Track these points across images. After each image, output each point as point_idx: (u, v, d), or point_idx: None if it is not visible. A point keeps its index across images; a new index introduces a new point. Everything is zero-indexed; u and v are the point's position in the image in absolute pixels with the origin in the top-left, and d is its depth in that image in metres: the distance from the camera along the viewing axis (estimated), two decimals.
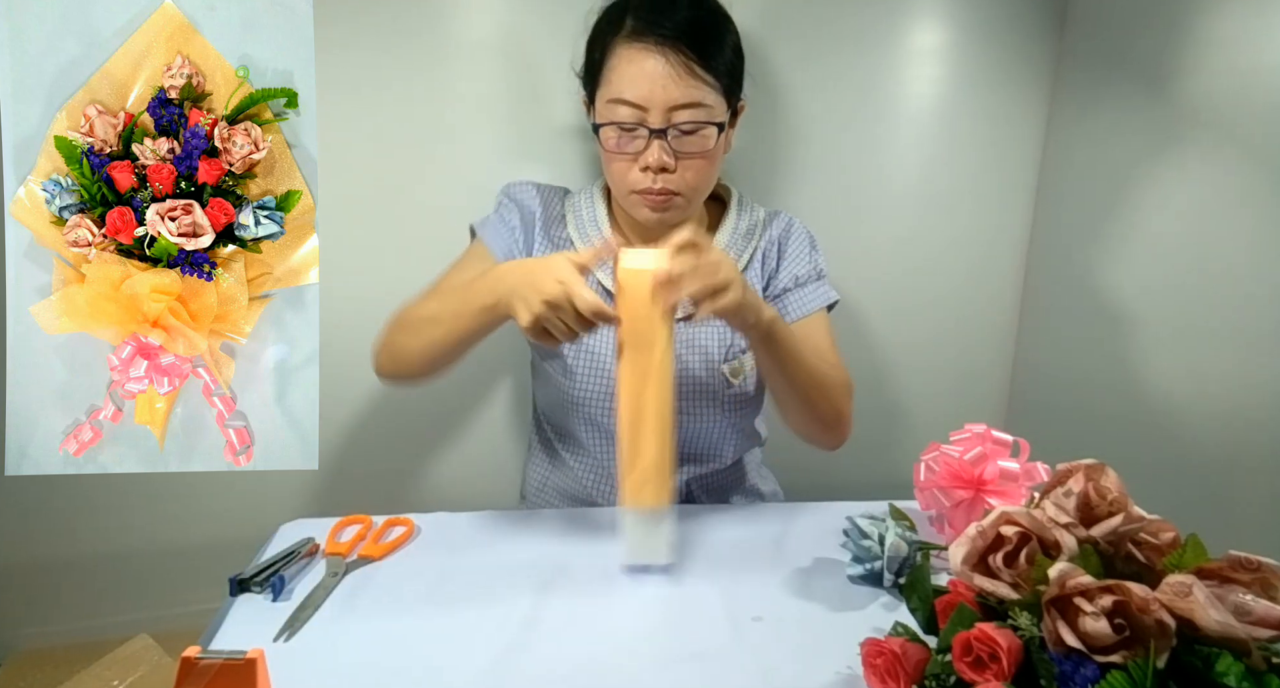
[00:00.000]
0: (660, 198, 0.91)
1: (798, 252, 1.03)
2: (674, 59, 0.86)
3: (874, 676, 0.55)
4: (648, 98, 0.87)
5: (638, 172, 0.90)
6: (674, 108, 0.87)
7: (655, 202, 0.92)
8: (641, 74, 0.87)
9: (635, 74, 0.87)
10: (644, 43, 0.87)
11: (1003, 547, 0.53)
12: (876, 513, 0.82)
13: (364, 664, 0.67)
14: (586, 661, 0.67)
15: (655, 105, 0.87)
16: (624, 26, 0.89)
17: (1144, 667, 0.44)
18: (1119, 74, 1.16)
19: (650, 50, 0.87)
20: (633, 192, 0.92)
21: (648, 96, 0.87)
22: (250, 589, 0.76)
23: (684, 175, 0.90)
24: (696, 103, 0.87)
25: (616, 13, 0.91)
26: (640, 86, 0.87)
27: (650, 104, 0.87)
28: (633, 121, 0.88)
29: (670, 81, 0.87)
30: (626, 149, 0.90)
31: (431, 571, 0.81)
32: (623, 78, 0.88)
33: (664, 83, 0.86)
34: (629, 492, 0.77)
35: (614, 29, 0.90)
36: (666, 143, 0.88)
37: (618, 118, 0.88)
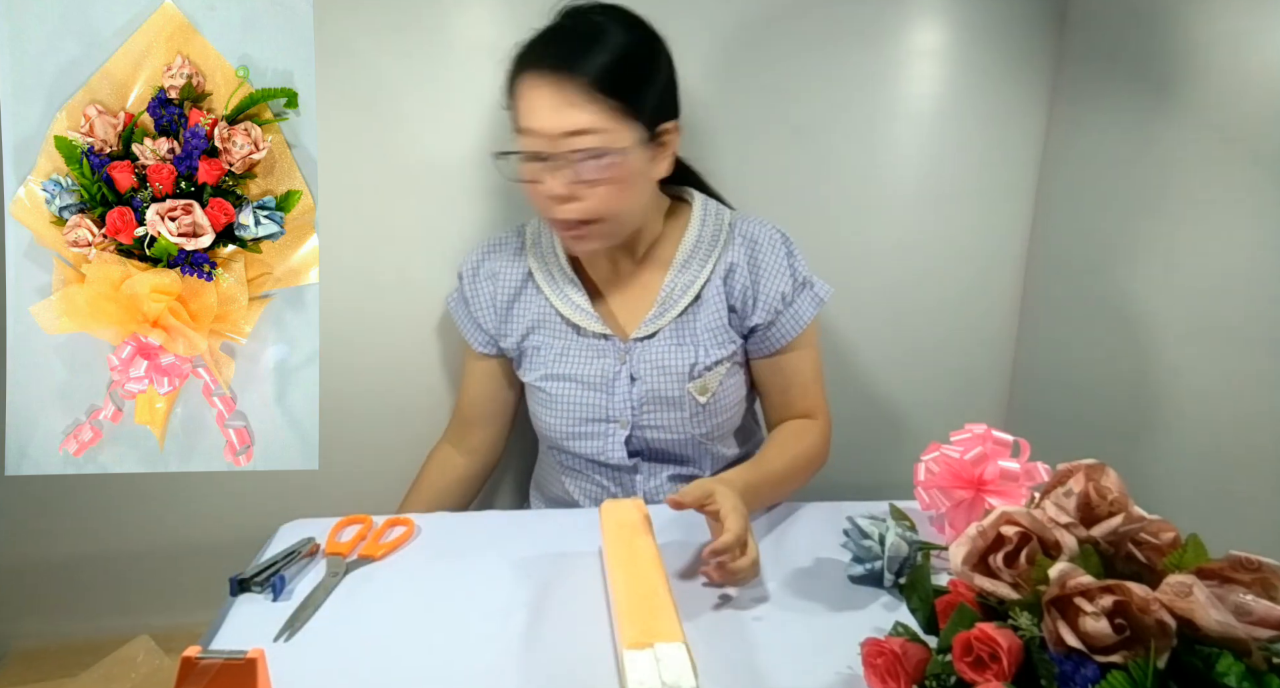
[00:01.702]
0: (576, 229, 0.91)
1: (775, 266, 0.99)
2: (558, 87, 0.86)
3: (874, 676, 0.55)
4: (539, 127, 0.87)
5: (545, 200, 0.90)
6: (563, 135, 0.86)
7: (571, 235, 0.92)
8: (532, 103, 0.87)
9: (528, 104, 0.88)
10: (534, 72, 0.88)
11: (1003, 547, 0.53)
12: (877, 513, 0.82)
13: (364, 664, 0.67)
14: (587, 660, 0.67)
15: (545, 133, 0.86)
16: (524, 58, 0.90)
17: (1144, 667, 0.44)
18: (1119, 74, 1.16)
19: (539, 78, 0.87)
20: (551, 221, 0.92)
21: (539, 126, 0.87)
22: (250, 589, 0.76)
23: (592, 202, 0.88)
24: (584, 129, 0.86)
25: (524, 44, 0.92)
26: (532, 116, 0.87)
27: (541, 132, 0.87)
28: (531, 151, 0.88)
29: (556, 109, 0.86)
30: (530, 179, 0.90)
31: (432, 571, 0.81)
32: (519, 108, 0.89)
33: (549, 111, 0.86)
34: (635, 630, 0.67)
35: (518, 61, 0.91)
36: (563, 171, 0.87)
37: (521, 147, 0.89)
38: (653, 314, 0.99)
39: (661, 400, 0.98)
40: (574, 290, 1.00)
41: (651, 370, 0.98)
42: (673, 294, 0.99)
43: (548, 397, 1.01)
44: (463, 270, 1.06)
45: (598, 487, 1.06)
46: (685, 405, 0.98)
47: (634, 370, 0.98)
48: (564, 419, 1.01)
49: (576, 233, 0.91)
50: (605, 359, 0.99)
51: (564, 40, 0.89)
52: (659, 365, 0.98)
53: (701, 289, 0.99)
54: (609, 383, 0.98)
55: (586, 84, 0.85)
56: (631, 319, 1.01)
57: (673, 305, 0.98)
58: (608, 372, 0.99)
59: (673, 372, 0.98)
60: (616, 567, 0.75)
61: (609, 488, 1.05)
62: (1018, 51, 1.27)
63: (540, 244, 1.03)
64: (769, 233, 1.01)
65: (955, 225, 1.32)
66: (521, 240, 1.04)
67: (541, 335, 1.01)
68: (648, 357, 0.98)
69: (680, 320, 0.99)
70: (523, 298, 1.02)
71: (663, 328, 0.98)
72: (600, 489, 1.05)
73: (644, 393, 0.98)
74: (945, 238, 1.33)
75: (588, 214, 0.89)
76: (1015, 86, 1.28)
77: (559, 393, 1.00)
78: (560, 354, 1.00)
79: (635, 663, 0.62)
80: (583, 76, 0.85)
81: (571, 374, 0.99)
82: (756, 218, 1.03)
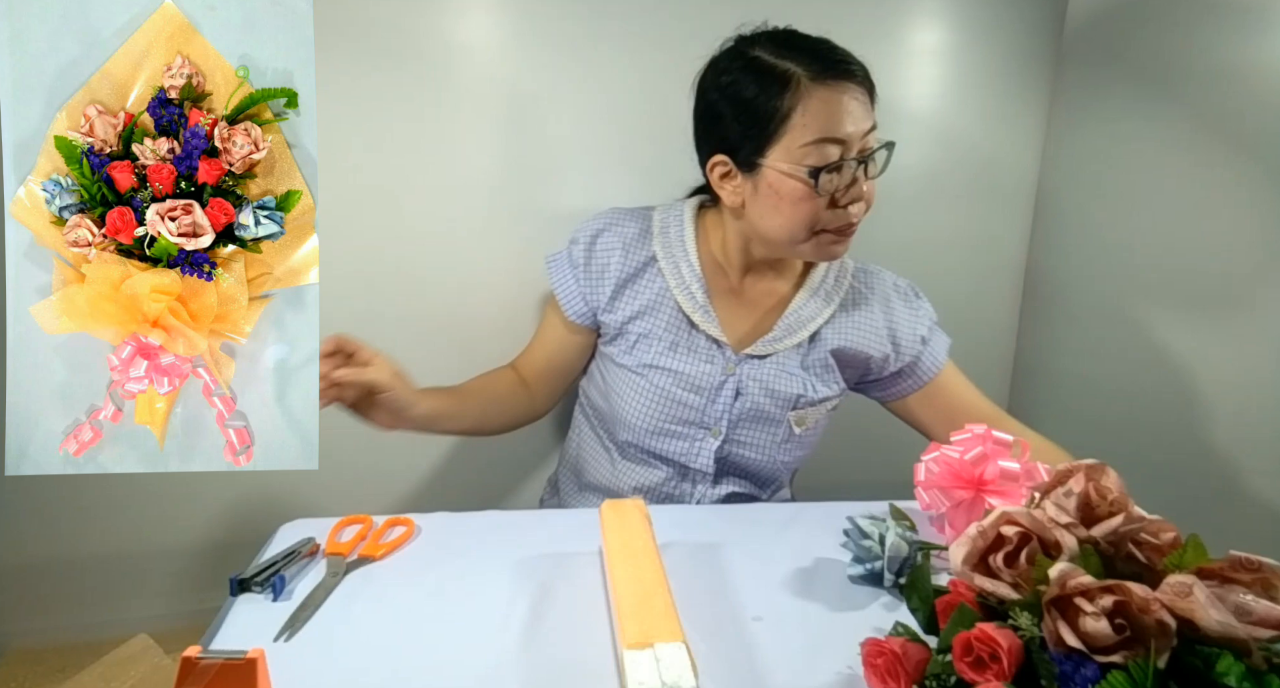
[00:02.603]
0: (849, 231, 0.93)
1: (907, 307, 1.04)
2: (860, 92, 0.89)
3: (874, 676, 0.55)
4: (851, 132, 0.88)
5: (832, 210, 0.90)
6: (866, 133, 0.89)
7: (839, 240, 0.93)
8: (843, 111, 0.88)
9: (835, 111, 0.88)
10: (836, 82, 0.88)
11: (1003, 547, 0.53)
12: (877, 513, 0.82)
13: (364, 664, 0.67)
14: (587, 660, 0.67)
15: (855, 138, 0.88)
16: (798, 75, 0.88)
17: (1144, 667, 0.44)
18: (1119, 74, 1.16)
19: (842, 88, 0.88)
20: (823, 231, 0.92)
21: (852, 131, 0.88)
22: (251, 589, 0.76)
23: (866, 204, 0.92)
24: (874, 126, 0.90)
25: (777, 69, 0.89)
26: (845, 123, 0.88)
27: (852, 138, 0.88)
28: (840, 159, 0.88)
29: (863, 110, 0.89)
30: (832, 188, 0.90)
31: (432, 571, 0.81)
32: (825, 119, 0.88)
33: (861, 114, 0.89)
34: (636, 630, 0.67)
35: (785, 80, 0.89)
36: (865, 172, 0.90)
37: (829, 158, 0.88)
38: (773, 336, 1.00)
39: (760, 421, 0.99)
40: (699, 287, 1.00)
41: (759, 390, 0.98)
42: (798, 321, 1.00)
43: (647, 386, 1.00)
44: (579, 235, 1.04)
45: (660, 481, 1.05)
46: (780, 432, 1.00)
47: (740, 385, 0.98)
48: (657, 414, 1.00)
49: (846, 238, 0.94)
50: (713, 366, 0.99)
51: (845, 54, 0.92)
52: (768, 388, 0.99)
53: (824, 325, 1.01)
54: (713, 390, 0.99)
55: (869, 89, 0.91)
56: (743, 333, 1.01)
57: (795, 332, 1.00)
58: (713, 379, 0.99)
59: (780, 397, 0.99)
60: (616, 567, 0.75)
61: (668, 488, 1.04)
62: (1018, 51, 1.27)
63: (668, 233, 1.03)
64: (892, 278, 1.08)
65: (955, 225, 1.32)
66: (649, 224, 1.04)
67: (651, 322, 1.01)
68: (758, 375, 0.99)
69: (797, 349, 1.00)
70: (642, 279, 1.02)
71: (778, 352, 0.99)
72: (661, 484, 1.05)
73: (745, 409, 0.99)
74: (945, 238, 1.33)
75: (864, 216, 0.93)
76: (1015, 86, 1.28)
77: (661, 385, 0.99)
78: (669, 347, 1.00)
79: (635, 663, 0.62)
80: (867, 82, 0.91)
81: (678, 370, 0.99)
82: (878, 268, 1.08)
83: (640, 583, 0.72)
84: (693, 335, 1.00)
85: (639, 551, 0.77)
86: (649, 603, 0.69)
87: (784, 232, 0.93)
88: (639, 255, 1.02)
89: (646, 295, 1.01)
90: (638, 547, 0.77)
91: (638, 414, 1.01)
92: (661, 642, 0.63)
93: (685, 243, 1.02)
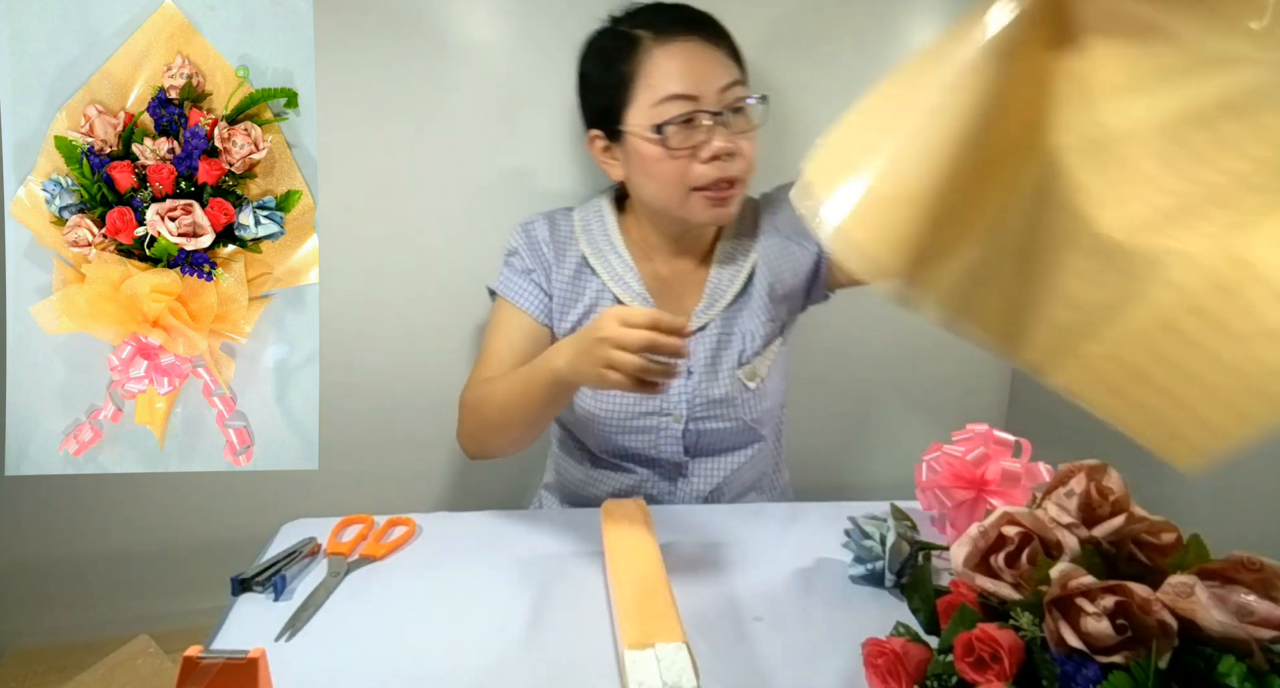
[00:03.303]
0: (727, 190, 0.92)
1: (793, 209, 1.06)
2: (708, 46, 0.90)
3: (875, 676, 0.55)
4: (698, 86, 0.88)
5: (699, 166, 0.90)
6: (724, 89, 0.89)
7: (721, 196, 0.92)
8: (686, 66, 0.89)
9: (680, 68, 0.89)
10: (675, 40, 0.89)
11: (1004, 547, 0.53)
12: (878, 513, 0.82)
13: (365, 664, 0.67)
14: (587, 660, 0.67)
15: (708, 91, 0.88)
16: (639, 38, 0.91)
17: (1146, 667, 0.44)
18: None
19: (684, 43, 0.89)
20: (694, 190, 0.92)
21: (698, 85, 0.88)
22: (252, 589, 0.76)
23: (742, 159, 0.91)
24: (738, 80, 0.91)
25: (621, 35, 0.93)
26: (689, 77, 0.88)
27: (702, 91, 0.88)
28: (689, 112, 0.88)
29: (715, 65, 0.89)
30: (686, 144, 0.90)
31: (433, 570, 0.81)
32: (667, 76, 0.89)
33: (710, 68, 0.89)
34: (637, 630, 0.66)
35: (629, 46, 0.91)
36: (725, 125, 0.90)
37: (674, 114, 0.89)
38: (701, 307, 1.00)
39: (715, 392, 0.99)
40: (633, 277, 1.00)
41: (704, 364, 0.99)
42: (719, 286, 1.00)
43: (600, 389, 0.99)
44: (515, 244, 1.03)
45: (636, 483, 1.04)
46: (736, 394, 1.00)
47: (689, 363, 0.99)
48: (618, 412, 1.00)
49: (728, 194, 0.92)
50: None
51: (690, 12, 0.93)
52: (711, 358, 0.99)
53: (746, 281, 1.01)
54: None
55: (726, 45, 0.92)
56: (681, 313, 1.02)
57: (720, 297, 1.00)
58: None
59: (726, 361, 0.99)
60: (617, 567, 0.75)
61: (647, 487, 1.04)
62: None
63: (591, 231, 1.03)
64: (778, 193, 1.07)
65: None
66: (571, 225, 1.04)
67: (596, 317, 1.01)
68: (701, 349, 0.99)
69: (728, 311, 1.01)
70: (579, 282, 1.02)
71: (712, 320, 1.00)
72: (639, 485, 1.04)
73: (698, 386, 0.99)
74: None
75: (741, 172, 0.92)
76: None
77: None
78: None
79: (636, 663, 0.63)
80: (722, 39, 0.92)
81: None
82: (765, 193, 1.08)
83: (641, 583, 0.72)
84: None
85: (639, 551, 0.77)
86: (650, 603, 0.69)
87: (660, 196, 0.94)
88: (572, 256, 1.02)
89: (586, 297, 1.01)
90: (638, 547, 0.77)
91: (600, 417, 1.01)
92: (662, 642, 0.63)
93: (610, 237, 1.02)
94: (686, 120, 0.89)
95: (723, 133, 0.89)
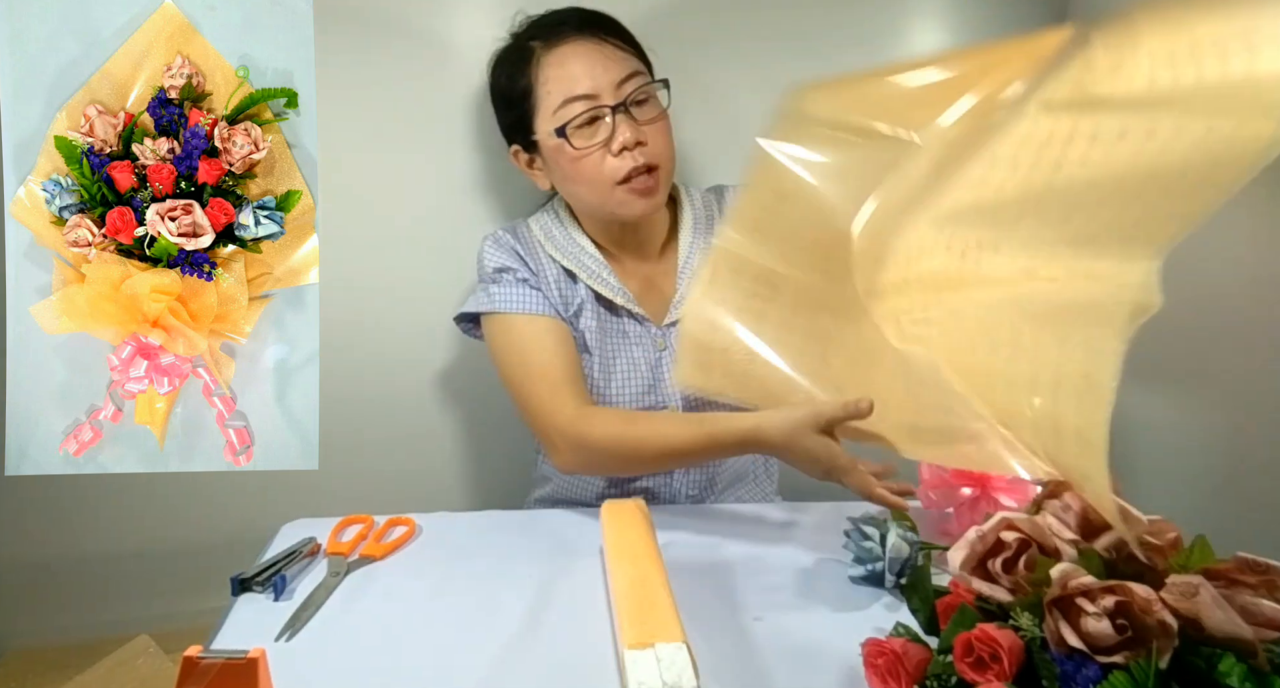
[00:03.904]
0: (646, 180, 0.93)
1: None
2: (597, 44, 0.92)
3: (875, 676, 0.55)
4: (593, 84, 0.91)
5: (612, 160, 0.92)
6: (620, 82, 0.92)
7: (642, 186, 0.93)
8: (578, 67, 0.91)
9: (572, 71, 0.92)
10: (563, 43, 0.92)
11: (1002, 552, 0.53)
12: (878, 513, 0.82)
13: (365, 664, 0.67)
14: (587, 660, 0.67)
15: (604, 88, 0.91)
16: (532, 49, 0.94)
17: (1146, 667, 0.44)
18: None
19: (573, 45, 0.92)
20: (616, 184, 0.93)
21: (593, 83, 0.91)
22: (252, 589, 0.76)
23: (654, 146, 0.93)
24: (635, 72, 0.93)
25: (517, 48, 0.97)
26: (582, 78, 0.91)
27: (598, 89, 0.91)
28: (589, 110, 0.91)
29: (606, 61, 0.92)
30: (593, 142, 0.92)
31: (433, 570, 0.81)
32: (561, 80, 0.92)
33: (602, 65, 0.91)
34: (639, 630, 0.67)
35: (525, 57, 0.95)
36: (629, 117, 0.92)
37: (574, 115, 0.91)
38: (679, 297, 1.01)
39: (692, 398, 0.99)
40: (607, 272, 1.01)
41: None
42: (692, 273, 1.01)
43: (598, 383, 1.00)
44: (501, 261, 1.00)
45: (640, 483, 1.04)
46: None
47: (676, 354, 0.99)
48: (621, 402, 1.00)
49: (648, 183, 0.94)
50: (645, 344, 1.01)
51: (577, 14, 0.96)
52: None
53: None
54: (654, 367, 1.00)
55: (618, 40, 0.94)
56: (656, 306, 1.03)
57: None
58: (651, 357, 1.00)
59: None
60: (617, 567, 0.75)
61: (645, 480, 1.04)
62: None
63: (554, 238, 1.03)
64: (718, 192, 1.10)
65: None
66: (532, 235, 1.04)
67: (585, 321, 1.01)
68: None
69: None
70: (559, 285, 1.02)
71: None
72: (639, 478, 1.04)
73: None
74: None
75: (656, 157, 0.93)
76: None
77: (613, 378, 1.00)
78: (604, 340, 1.01)
79: (636, 663, 0.62)
80: (612, 34, 0.94)
81: (622, 359, 1.00)
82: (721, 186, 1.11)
83: (641, 583, 0.71)
84: (620, 322, 1.01)
85: (639, 550, 0.77)
86: (650, 603, 0.69)
87: (588, 196, 0.96)
88: (544, 264, 1.02)
89: (573, 301, 1.01)
90: (638, 547, 0.77)
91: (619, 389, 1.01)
92: (662, 642, 0.63)
93: (573, 238, 1.02)
94: (590, 120, 0.91)
95: (628, 124, 0.91)
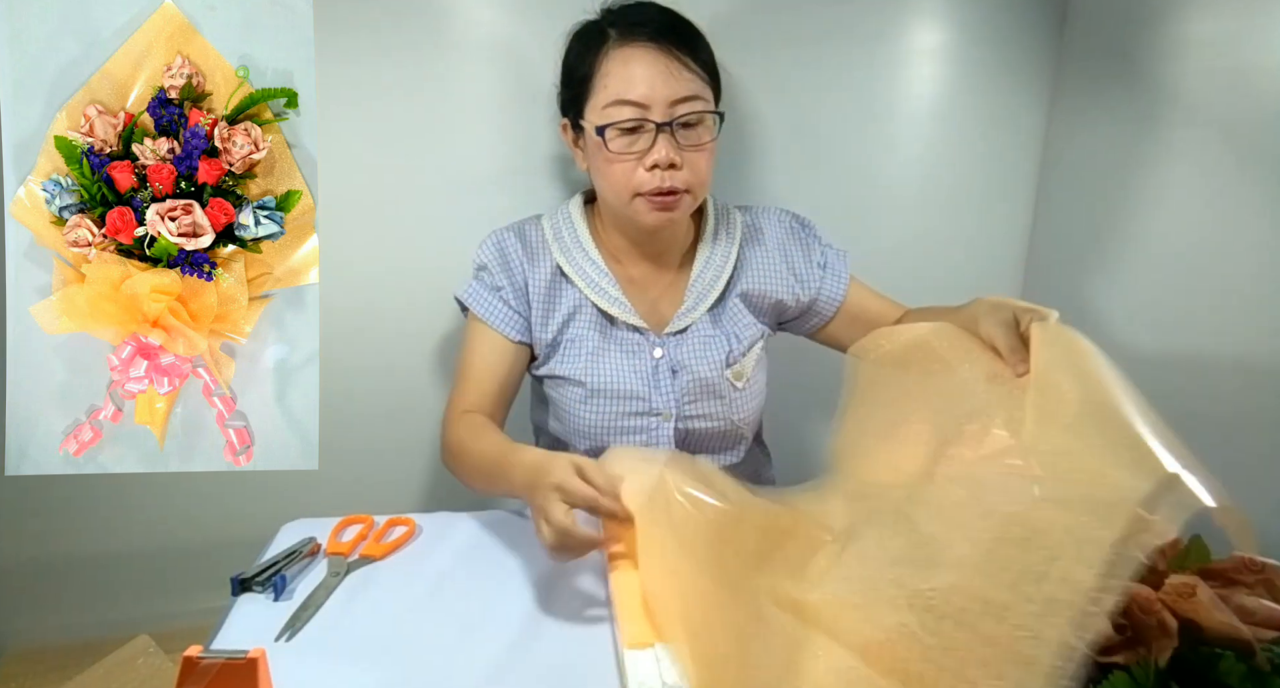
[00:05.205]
0: (668, 198, 0.92)
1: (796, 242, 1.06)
2: (666, 56, 0.89)
3: None
4: (648, 95, 0.89)
5: (643, 172, 0.91)
6: (675, 102, 0.89)
7: (663, 202, 0.92)
8: (639, 73, 0.89)
9: (632, 74, 0.89)
10: (635, 44, 0.90)
11: None
12: None
13: (365, 664, 0.67)
14: (587, 660, 0.67)
15: (657, 101, 0.89)
16: (608, 37, 0.92)
17: (1146, 667, 0.44)
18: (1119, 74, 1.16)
19: (643, 50, 0.89)
20: (638, 195, 0.92)
21: (648, 94, 0.89)
22: (252, 589, 0.76)
23: (688, 171, 0.91)
24: (694, 95, 0.90)
25: (595, 30, 0.94)
26: (639, 85, 0.89)
27: (651, 101, 0.89)
28: (636, 120, 0.89)
29: (669, 76, 0.89)
30: (631, 150, 0.90)
31: (433, 570, 0.81)
32: (620, 80, 0.90)
33: (663, 78, 0.89)
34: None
35: (598, 42, 0.93)
36: (672, 137, 0.90)
37: (619, 119, 0.89)
38: (684, 309, 1.01)
39: (704, 390, 0.99)
40: (608, 283, 1.00)
41: (693, 362, 0.99)
42: (703, 289, 1.01)
43: (588, 392, 0.99)
44: (484, 260, 1.02)
45: None
46: (725, 393, 1.00)
47: (675, 363, 0.99)
48: (608, 414, 1.00)
49: (668, 201, 0.92)
50: (641, 354, 1.00)
51: (648, 16, 0.93)
52: (699, 357, 0.99)
53: (728, 285, 1.02)
54: (649, 376, 0.99)
55: (691, 57, 0.91)
56: (659, 314, 1.02)
57: (704, 300, 1.01)
58: (646, 365, 0.99)
59: (713, 361, 0.99)
60: (617, 567, 0.75)
61: None
62: (1018, 51, 1.27)
63: (562, 238, 1.02)
64: (779, 216, 1.07)
65: (955, 225, 1.32)
66: (542, 233, 1.03)
67: (576, 329, 1.01)
68: (686, 349, 1.00)
69: (713, 314, 1.02)
70: (557, 291, 1.01)
71: (695, 322, 1.01)
72: None
73: (687, 384, 0.99)
74: (945, 238, 1.33)
75: (687, 183, 0.92)
76: (1015, 86, 1.28)
77: (603, 386, 0.99)
78: (598, 348, 1.00)
79: (636, 663, 0.63)
80: (687, 49, 0.91)
81: (614, 367, 0.99)
82: (763, 207, 1.08)
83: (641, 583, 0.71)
84: (616, 330, 1.01)
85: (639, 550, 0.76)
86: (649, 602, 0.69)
87: (609, 193, 0.95)
88: (545, 266, 1.01)
89: (566, 306, 1.01)
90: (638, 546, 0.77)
91: (591, 420, 1.00)
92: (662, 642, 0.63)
93: (581, 242, 1.02)
94: (633, 129, 0.90)
95: (668, 143, 0.90)
